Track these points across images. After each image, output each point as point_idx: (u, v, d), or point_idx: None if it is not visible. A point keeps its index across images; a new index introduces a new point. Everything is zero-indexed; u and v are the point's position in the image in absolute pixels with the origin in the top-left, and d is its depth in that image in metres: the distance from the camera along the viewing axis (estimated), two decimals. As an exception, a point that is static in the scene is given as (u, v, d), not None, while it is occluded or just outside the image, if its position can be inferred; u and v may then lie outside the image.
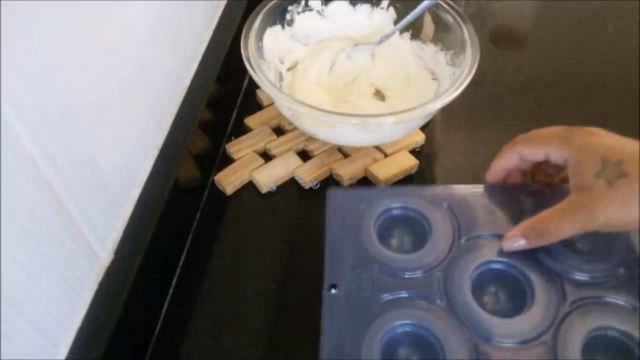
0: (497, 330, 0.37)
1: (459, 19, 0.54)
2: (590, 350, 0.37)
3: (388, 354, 0.37)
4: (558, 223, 0.37)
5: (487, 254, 0.41)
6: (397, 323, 0.38)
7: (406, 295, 0.39)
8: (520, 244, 0.39)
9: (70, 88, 0.32)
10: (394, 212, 0.45)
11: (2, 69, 0.26)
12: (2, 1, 0.25)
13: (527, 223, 0.39)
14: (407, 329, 0.38)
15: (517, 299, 0.40)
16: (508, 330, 0.37)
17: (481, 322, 0.38)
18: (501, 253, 0.41)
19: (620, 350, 0.37)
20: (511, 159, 0.42)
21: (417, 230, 0.45)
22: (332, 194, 0.45)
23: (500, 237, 0.42)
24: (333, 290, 0.39)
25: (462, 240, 0.42)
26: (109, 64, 0.37)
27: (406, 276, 0.40)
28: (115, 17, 0.37)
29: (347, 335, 0.37)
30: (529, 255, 0.41)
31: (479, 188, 0.45)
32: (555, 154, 0.39)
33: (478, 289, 0.40)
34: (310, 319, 0.39)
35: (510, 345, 0.37)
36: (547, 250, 0.41)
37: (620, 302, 0.38)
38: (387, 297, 0.39)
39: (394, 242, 0.45)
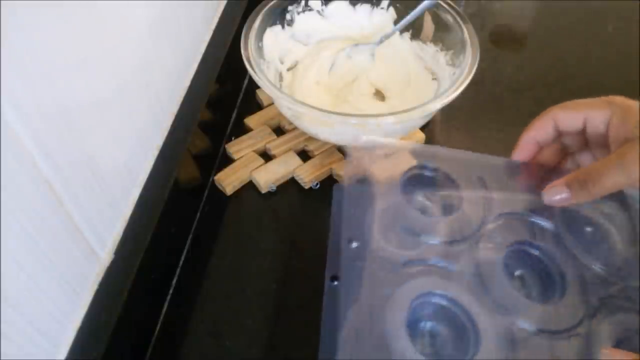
0: (531, 315, 0.35)
1: (459, 19, 0.54)
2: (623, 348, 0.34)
3: (414, 322, 0.35)
4: (604, 172, 0.34)
5: (522, 234, 0.39)
6: (427, 291, 0.35)
7: (434, 263, 0.36)
8: (563, 196, 0.36)
9: (70, 88, 0.32)
10: (424, 171, 0.42)
11: (2, 69, 0.26)
12: (2, 1, 0.25)
13: (571, 175, 0.36)
14: (438, 300, 0.35)
15: (545, 287, 0.38)
16: (543, 316, 0.35)
17: (517, 305, 0.35)
18: (537, 237, 0.38)
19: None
20: (544, 129, 0.39)
21: (446, 196, 0.41)
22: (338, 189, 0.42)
23: (533, 217, 0.39)
24: (354, 244, 0.37)
25: (493, 216, 0.39)
26: (109, 64, 0.37)
27: (434, 243, 0.38)
28: (115, 17, 0.37)
29: (369, 297, 0.35)
30: (563, 246, 0.38)
31: (516, 162, 0.41)
32: (596, 116, 0.36)
33: (507, 269, 0.37)
34: (310, 319, 0.39)
35: (544, 333, 0.34)
36: (582, 244, 0.39)
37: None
38: (412, 262, 0.36)
39: (420, 203, 0.42)
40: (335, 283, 0.38)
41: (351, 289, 0.35)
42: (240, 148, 0.55)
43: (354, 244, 0.37)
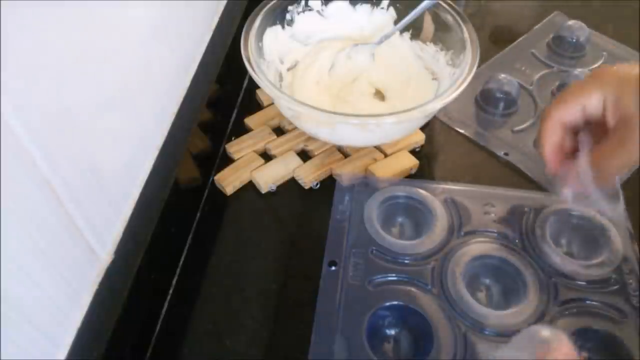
0: (487, 321, 0.39)
1: (459, 19, 0.54)
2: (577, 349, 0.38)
3: (377, 332, 0.39)
4: (610, 163, 0.36)
5: (484, 248, 0.43)
6: (389, 303, 0.39)
7: (401, 279, 0.41)
8: (579, 191, 0.39)
9: (70, 88, 0.32)
10: (398, 200, 0.47)
11: (2, 69, 0.26)
12: (2, 1, 0.25)
13: (585, 159, 0.38)
14: (399, 309, 0.40)
15: (509, 295, 0.42)
16: (498, 322, 0.39)
17: (472, 312, 0.39)
18: (496, 249, 0.43)
19: (605, 351, 0.39)
20: (555, 134, 0.39)
21: (418, 220, 0.46)
22: (340, 184, 0.48)
23: (496, 234, 0.44)
24: (333, 268, 0.41)
25: (461, 233, 0.44)
26: (109, 64, 0.37)
27: (404, 261, 0.42)
28: (116, 18, 0.37)
29: (340, 312, 0.39)
30: (525, 254, 0.42)
31: (480, 187, 0.47)
32: (592, 103, 0.37)
33: (472, 281, 0.42)
34: (310, 319, 0.39)
35: (499, 337, 0.38)
36: (542, 251, 0.43)
37: (609, 307, 0.40)
38: (381, 278, 0.41)
39: (395, 229, 0.47)
40: (333, 268, 0.41)
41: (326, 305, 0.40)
42: (240, 148, 0.55)
43: (333, 268, 0.42)
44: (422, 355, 0.37)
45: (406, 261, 0.42)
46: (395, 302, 0.39)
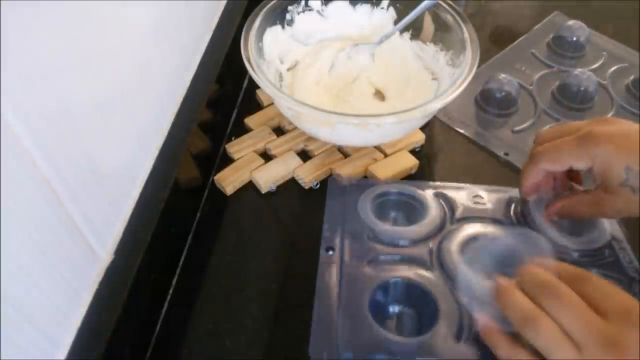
0: (488, 296, 0.39)
1: (459, 19, 0.54)
2: None
3: (378, 311, 0.39)
4: (585, 213, 0.43)
5: (476, 230, 0.44)
6: (390, 280, 0.41)
7: (402, 258, 0.43)
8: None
9: (70, 88, 0.32)
10: (390, 197, 0.48)
11: (2, 69, 0.26)
12: (2, 1, 0.25)
13: (561, 205, 0.44)
14: (401, 286, 0.41)
15: (508, 274, 0.42)
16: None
17: (473, 287, 0.40)
18: (490, 230, 0.44)
19: None
20: (536, 176, 0.44)
21: (410, 217, 0.47)
22: (333, 179, 0.49)
23: (489, 218, 0.46)
24: (330, 252, 0.43)
25: (453, 222, 0.46)
26: (109, 64, 0.37)
27: (400, 244, 0.44)
28: (115, 18, 0.37)
29: (340, 295, 0.40)
30: (521, 233, 0.44)
31: (469, 185, 0.49)
32: (579, 165, 0.41)
33: (469, 261, 0.43)
34: (310, 319, 0.39)
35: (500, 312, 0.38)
36: (538, 228, 0.44)
37: (607, 277, 0.40)
38: (381, 258, 0.43)
39: (388, 224, 0.48)
40: (331, 253, 0.43)
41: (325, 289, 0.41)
42: (240, 148, 0.55)
43: (331, 253, 0.43)
44: (428, 328, 0.38)
45: (402, 243, 0.43)
46: (397, 279, 0.40)
